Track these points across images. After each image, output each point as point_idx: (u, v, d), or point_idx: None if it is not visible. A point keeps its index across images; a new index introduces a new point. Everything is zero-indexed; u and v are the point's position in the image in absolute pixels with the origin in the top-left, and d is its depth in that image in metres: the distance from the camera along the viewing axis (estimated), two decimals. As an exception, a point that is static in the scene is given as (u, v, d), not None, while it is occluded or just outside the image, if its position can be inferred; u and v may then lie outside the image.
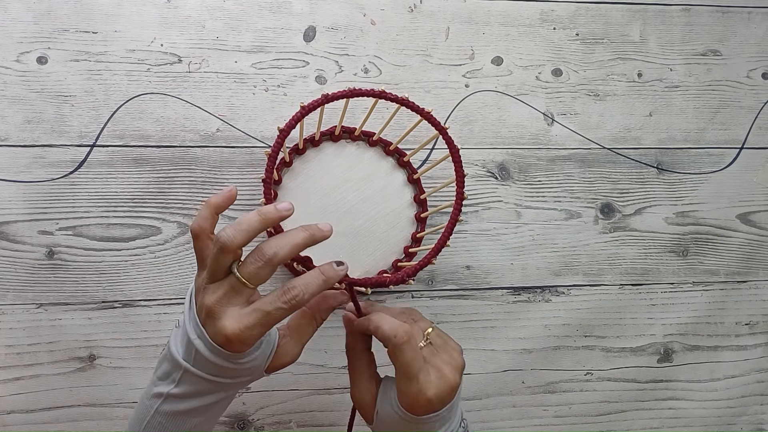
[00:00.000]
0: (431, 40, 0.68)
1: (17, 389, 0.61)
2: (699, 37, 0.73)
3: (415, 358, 0.46)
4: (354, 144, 0.64)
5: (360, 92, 0.53)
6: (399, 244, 0.64)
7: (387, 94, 0.54)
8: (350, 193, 0.63)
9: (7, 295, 0.61)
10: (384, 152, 0.65)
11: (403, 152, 0.64)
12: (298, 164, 0.63)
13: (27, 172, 0.62)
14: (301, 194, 0.63)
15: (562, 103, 0.70)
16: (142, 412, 0.46)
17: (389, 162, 0.65)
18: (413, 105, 0.55)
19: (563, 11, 0.70)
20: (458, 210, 0.56)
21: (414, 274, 0.53)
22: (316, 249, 0.55)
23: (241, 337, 0.42)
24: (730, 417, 0.72)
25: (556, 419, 0.70)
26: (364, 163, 0.64)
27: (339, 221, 0.62)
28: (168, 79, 0.64)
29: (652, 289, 0.71)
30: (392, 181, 0.64)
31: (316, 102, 0.53)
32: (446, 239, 0.56)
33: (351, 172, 0.64)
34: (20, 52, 0.62)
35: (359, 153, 0.64)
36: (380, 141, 0.64)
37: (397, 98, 0.55)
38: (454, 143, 0.56)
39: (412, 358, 0.46)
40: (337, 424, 0.65)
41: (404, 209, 0.65)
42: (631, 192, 0.71)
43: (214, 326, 0.42)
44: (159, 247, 0.63)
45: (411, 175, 0.65)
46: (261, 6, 0.66)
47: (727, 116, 0.73)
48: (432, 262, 0.55)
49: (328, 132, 0.63)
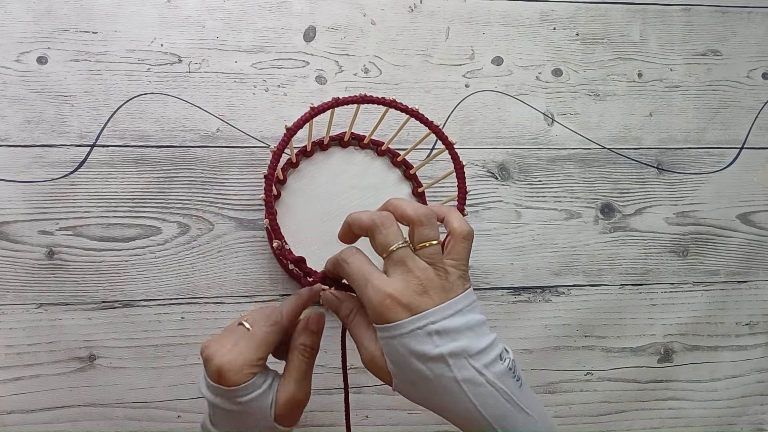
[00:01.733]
0: (431, 40, 0.68)
1: (17, 389, 0.61)
2: (699, 37, 0.72)
3: (359, 269, 0.42)
4: (362, 152, 0.65)
5: (371, 99, 0.54)
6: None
7: (398, 105, 0.55)
8: (353, 200, 0.64)
9: (7, 295, 0.61)
10: (391, 163, 0.65)
11: (409, 164, 0.65)
12: (305, 166, 0.63)
13: (27, 172, 0.62)
14: (304, 196, 0.63)
15: (562, 103, 0.70)
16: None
17: (395, 173, 0.65)
18: (423, 117, 0.56)
19: (563, 11, 0.70)
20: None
21: None
22: (317, 257, 0.56)
23: (231, 365, 0.44)
24: (730, 417, 0.72)
25: (556, 419, 0.70)
26: (370, 172, 0.65)
27: (339, 227, 0.62)
28: (168, 79, 0.64)
29: (652, 289, 0.71)
30: (397, 192, 0.65)
31: (326, 105, 0.53)
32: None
33: (357, 180, 0.64)
34: (20, 52, 0.62)
35: (367, 161, 0.65)
36: (388, 151, 0.64)
37: (408, 109, 0.55)
38: (460, 160, 0.57)
39: (356, 268, 0.42)
40: (337, 424, 0.65)
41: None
42: (631, 192, 0.71)
43: (210, 367, 0.45)
44: (159, 247, 0.63)
45: (416, 188, 0.65)
46: (261, 6, 0.66)
47: (727, 116, 0.73)
48: None
49: (338, 137, 0.63)
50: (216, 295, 0.64)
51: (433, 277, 0.41)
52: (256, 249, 0.64)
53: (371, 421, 0.65)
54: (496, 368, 0.40)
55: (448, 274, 0.41)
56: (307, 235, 0.62)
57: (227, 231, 0.64)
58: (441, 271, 0.41)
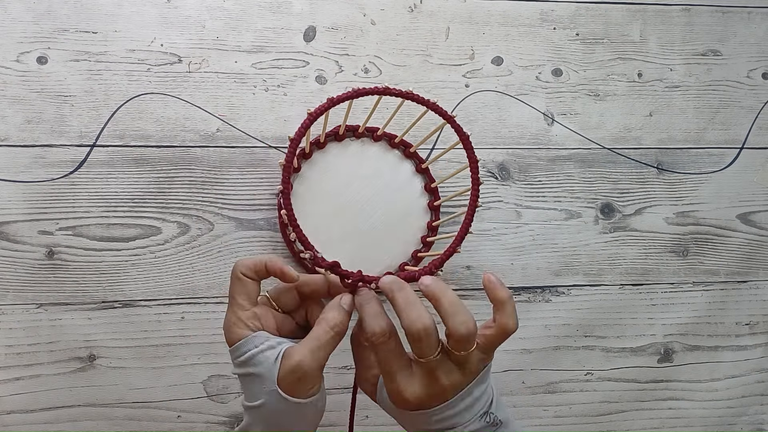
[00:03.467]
0: (431, 40, 0.68)
1: (17, 389, 0.61)
2: (699, 37, 0.72)
3: (389, 359, 0.43)
4: (358, 141, 0.64)
5: (364, 91, 0.53)
6: (416, 235, 0.65)
7: (391, 90, 0.54)
8: (361, 191, 0.64)
9: (7, 295, 0.61)
10: (389, 146, 0.65)
11: (408, 144, 0.65)
12: (306, 168, 0.63)
13: (27, 172, 0.62)
14: (313, 198, 0.63)
15: (562, 103, 0.70)
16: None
17: (395, 154, 0.65)
18: (418, 97, 0.55)
19: (563, 11, 0.70)
20: (476, 195, 0.54)
21: (441, 265, 0.51)
22: (336, 252, 0.54)
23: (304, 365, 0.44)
24: (730, 417, 0.72)
25: (556, 419, 0.70)
26: (369, 159, 0.64)
27: (353, 220, 0.63)
28: (168, 79, 0.64)
29: (652, 289, 0.71)
30: (400, 173, 0.65)
31: (323, 107, 0.52)
32: (468, 226, 0.55)
33: (358, 169, 0.64)
34: (20, 52, 0.62)
35: (364, 150, 0.65)
36: (384, 135, 0.64)
37: (402, 92, 0.54)
38: (464, 130, 0.54)
39: (385, 358, 0.44)
40: (337, 424, 0.65)
41: (416, 199, 0.65)
42: (631, 192, 0.71)
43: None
44: (159, 247, 0.63)
45: (419, 165, 0.65)
46: (261, 6, 0.66)
47: (727, 116, 0.73)
48: (457, 251, 0.54)
49: (332, 132, 0.63)
50: (216, 295, 0.64)
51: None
52: (256, 249, 0.64)
53: (371, 421, 0.66)
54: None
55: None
56: (320, 225, 0.62)
57: (227, 231, 0.64)
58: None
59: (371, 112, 0.59)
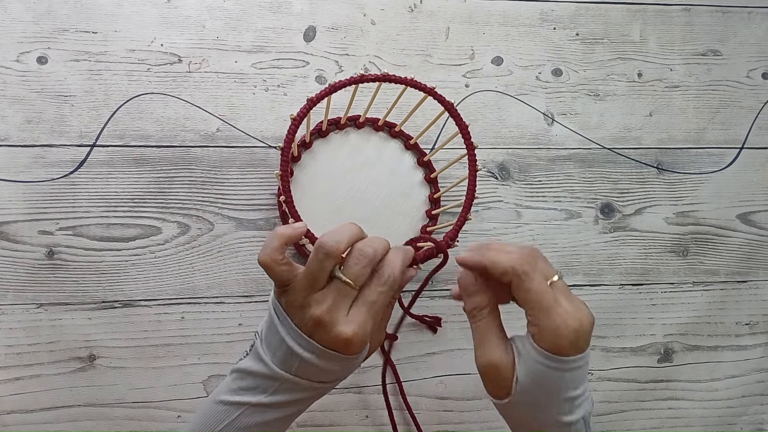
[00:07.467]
0: (431, 40, 0.68)
1: (17, 389, 0.61)
2: (699, 37, 0.73)
3: (545, 289, 0.42)
4: (359, 131, 0.65)
5: (365, 78, 0.53)
6: (420, 210, 0.66)
7: (392, 77, 0.54)
8: (362, 178, 0.64)
9: (7, 295, 0.61)
10: (389, 135, 0.66)
11: (408, 135, 0.65)
12: (307, 158, 0.63)
13: (27, 172, 0.62)
14: (314, 187, 0.63)
15: (562, 103, 0.70)
16: (215, 417, 0.45)
17: (395, 143, 0.66)
18: (418, 84, 0.55)
19: (563, 11, 0.70)
20: (474, 160, 0.56)
21: (455, 236, 0.52)
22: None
23: (361, 337, 0.42)
24: (730, 417, 0.72)
25: (556, 419, 0.70)
26: (370, 148, 0.65)
27: (358, 206, 0.64)
28: (168, 79, 0.64)
29: (652, 289, 0.71)
30: (401, 161, 0.66)
31: (323, 92, 0.53)
32: (473, 192, 0.55)
33: (359, 158, 0.65)
34: (20, 52, 0.62)
35: (365, 139, 0.65)
36: (385, 124, 0.65)
37: (402, 79, 0.54)
38: (462, 119, 0.55)
39: (542, 288, 0.42)
40: (337, 424, 0.65)
41: (412, 175, 0.66)
42: (631, 192, 0.71)
43: (329, 334, 0.42)
44: (159, 247, 0.63)
45: (428, 175, 0.66)
46: (261, 6, 0.66)
47: (727, 116, 0.73)
48: (469, 218, 0.55)
49: (334, 121, 0.63)
50: (216, 295, 0.64)
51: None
52: (256, 249, 0.64)
53: (371, 421, 0.66)
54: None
55: None
56: (320, 214, 0.63)
57: (227, 231, 0.64)
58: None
59: (371, 100, 0.59)
